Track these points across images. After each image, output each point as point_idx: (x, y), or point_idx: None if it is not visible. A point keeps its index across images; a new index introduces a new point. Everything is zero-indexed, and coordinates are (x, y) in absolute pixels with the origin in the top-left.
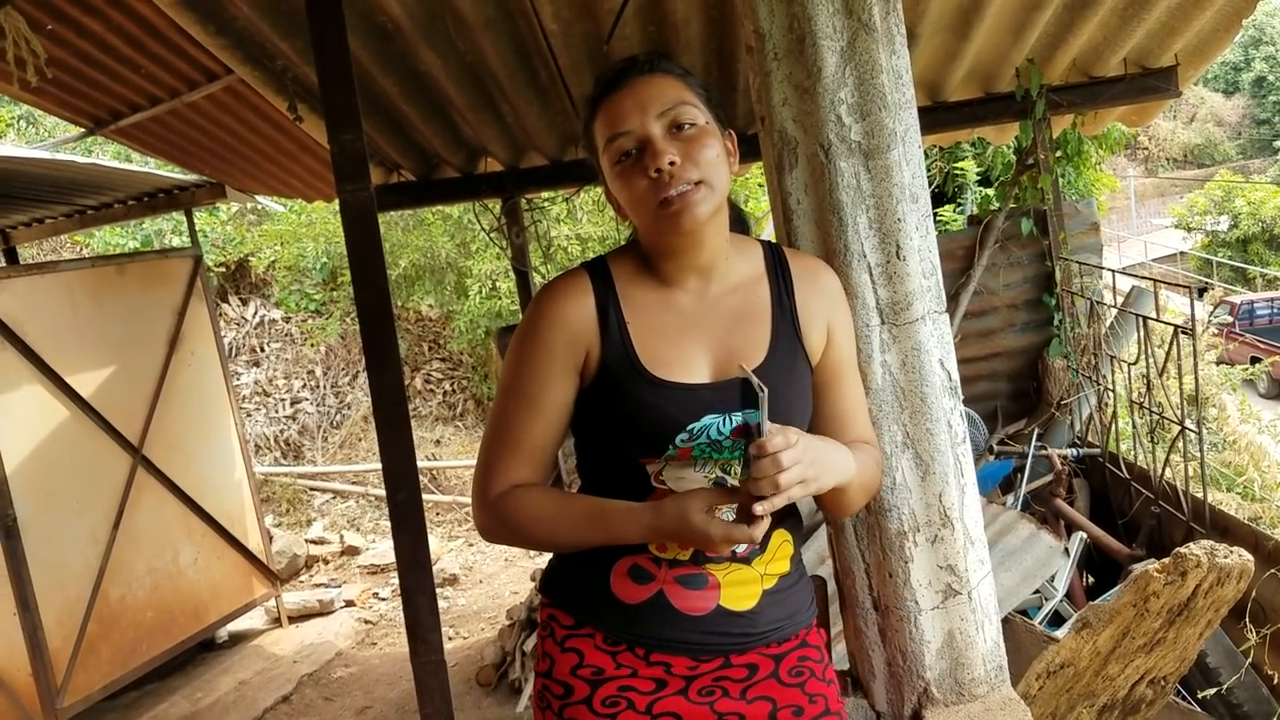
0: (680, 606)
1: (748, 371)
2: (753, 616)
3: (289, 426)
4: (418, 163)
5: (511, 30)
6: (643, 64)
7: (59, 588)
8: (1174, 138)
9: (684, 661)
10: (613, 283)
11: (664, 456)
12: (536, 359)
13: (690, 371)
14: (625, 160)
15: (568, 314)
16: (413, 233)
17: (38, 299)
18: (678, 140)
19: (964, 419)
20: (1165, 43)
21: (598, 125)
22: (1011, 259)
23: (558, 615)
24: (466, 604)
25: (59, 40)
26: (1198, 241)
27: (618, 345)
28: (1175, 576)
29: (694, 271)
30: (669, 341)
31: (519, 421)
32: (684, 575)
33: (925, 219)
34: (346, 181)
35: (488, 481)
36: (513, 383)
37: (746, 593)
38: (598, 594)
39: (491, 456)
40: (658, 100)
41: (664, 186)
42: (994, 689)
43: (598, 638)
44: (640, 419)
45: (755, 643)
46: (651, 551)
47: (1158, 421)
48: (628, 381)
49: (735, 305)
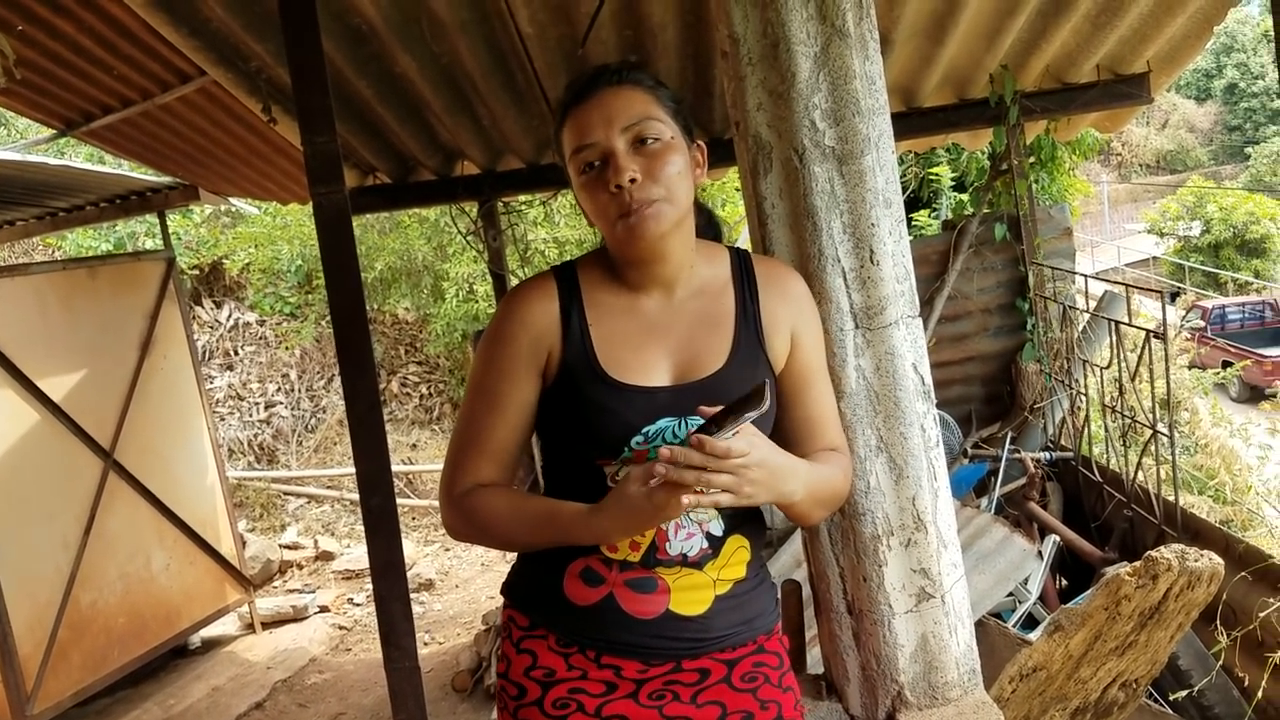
0: (630, 610)
1: (766, 393)
2: (704, 621)
3: (263, 430)
4: (394, 165)
5: (487, 33)
6: (612, 74)
7: (29, 593)
8: (1147, 144)
9: (634, 665)
10: (578, 287)
11: (620, 459)
12: (501, 359)
13: (649, 375)
14: (589, 171)
15: (531, 316)
16: (389, 236)
17: (8, 302)
18: (641, 155)
19: (937, 423)
20: (1137, 49)
21: (565, 134)
22: (985, 264)
23: (515, 616)
24: (442, 609)
25: (30, 41)
26: (1170, 246)
27: (578, 347)
28: (1147, 580)
29: (657, 280)
30: (630, 346)
31: (483, 421)
32: (633, 579)
33: (899, 224)
34: (320, 184)
35: (453, 479)
36: (478, 383)
37: (698, 597)
38: (551, 596)
39: (458, 455)
40: (623, 114)
41: (624, 203)
42: (967, 692)
43: (551, 639)
44: (596, 421)
45: (708, 648)
46: (603, 553)
47: (1130, 425)
48: (585, 384)
49: (698, 311)
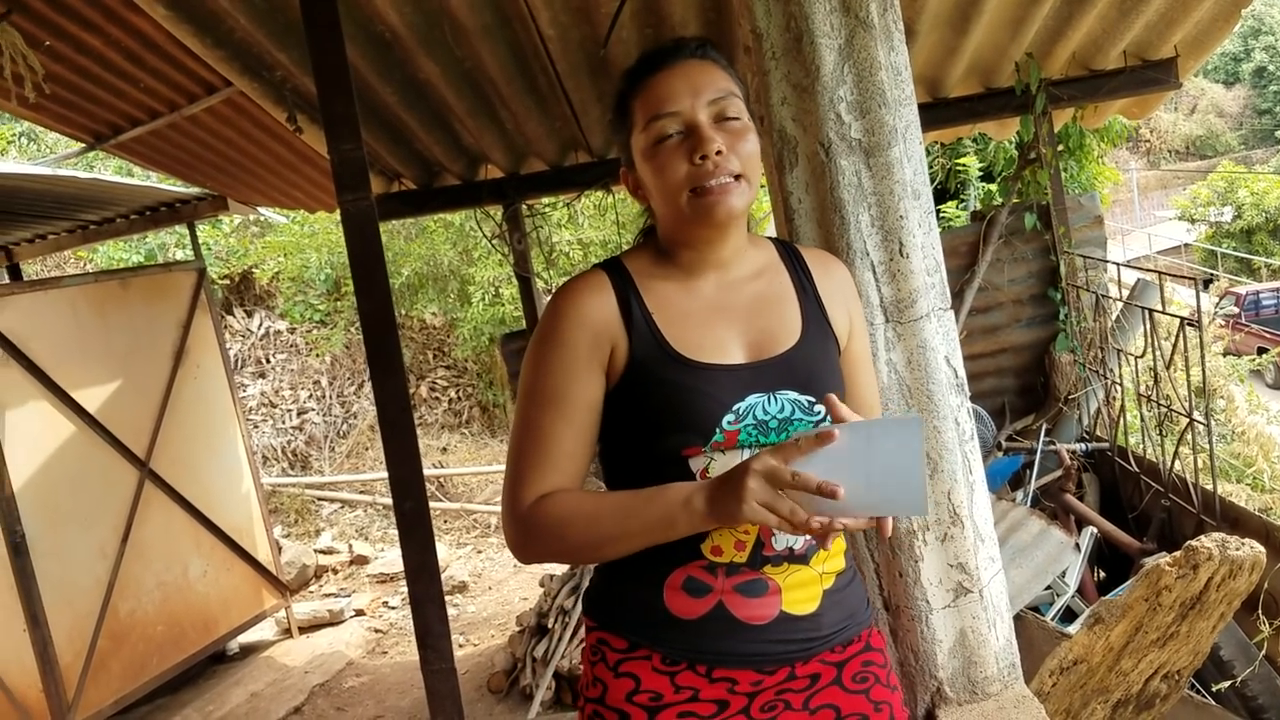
0: (742, 616)
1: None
2: (816, 619)
3: (296, 437)
4: (418, 171)
5: (509, 36)
6: (696, 46)
7: (68, 603)
8: (1175, 129)
9: (749, 676)
10: (630, 276)
11: (710, 443)
12: (560, 360)
13: (725, 354)
14: (665, 141)
15: (589, 311)
16: (415, 241)
17: (42, 315)
18: (723, 130)
19: (971, 416)
20: (1164, 34)
21: (638, 102)
22: (1016, 254)
23: (608, 639)
24: (476, 611)
25: (57, 56)
26: (1201, 233)
27: (646, 335)
28: (1187, 570)
29: (713, 263)
30: (698, 326)
31: (547, 427)
32: (743, 583)
33: (928, 215)
34: (347, 191)
35: (517, 494)
36: (536, 387)
37: (808, 595)
38: (652, 612)
39: (520, 467)
40: (710, 87)
41: (705, 175)
42: (1007, 687)
43: (655, 659)
44: (684, 404)
45: (820, 647)
46: (707, 557)
47: (1166, 414)
48: (663, 369)
49: (759, 291)
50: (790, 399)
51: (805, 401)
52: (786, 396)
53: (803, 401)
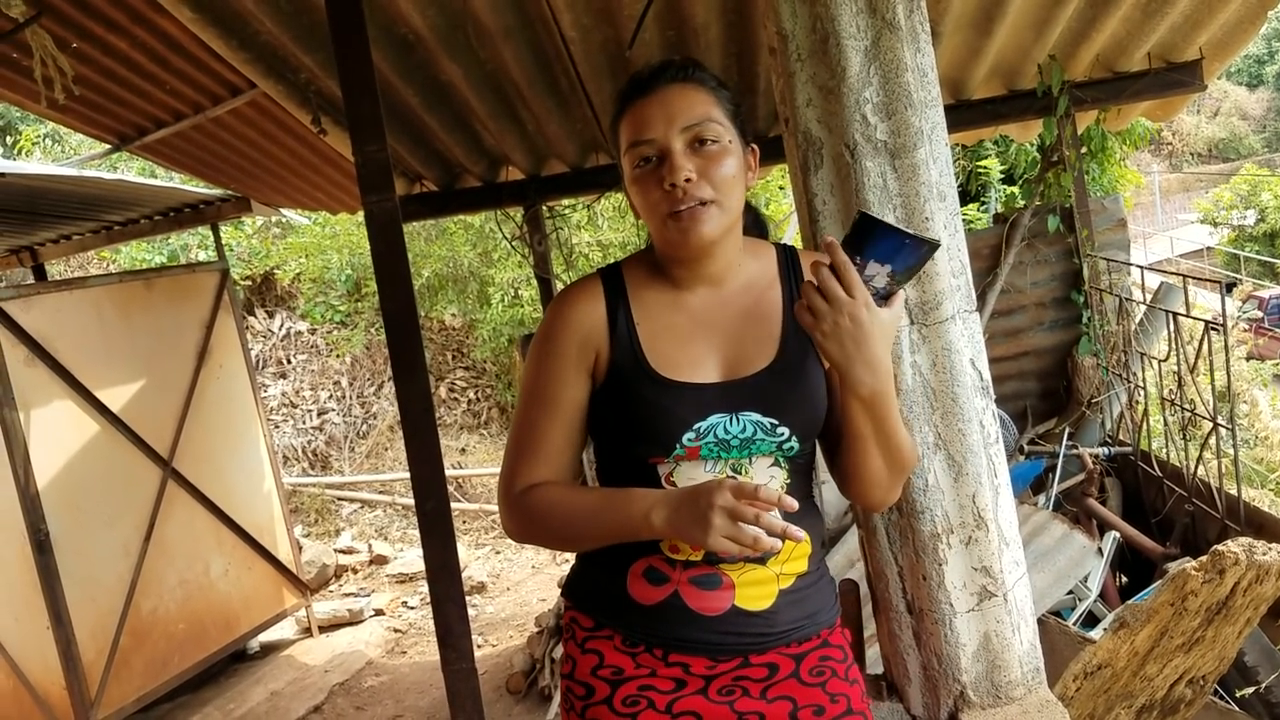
0: (695, 607)
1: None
2: (769, 616)
3: (316, 437)
4: (440, 173)
5: (531, 38)
6: (677, 70)
7: (91, 601)
8: (1198, 132)
9: (702, 661)
10: (624, 287)
11: (673, 456)
12: (551, 362)
13: (698, 371)
14: (644, 166)
15: (578, 317)
16: (435, 242)
17: (67, 315)
18: (697, 156)
19: (996, 419)
20: (1189, 37)
21: (623, 126)
22: (1038, 257)
23: (578, 618)
24: (495, 611)
25: (84, 58)
26: (1224, 236)
27: (626, 346)
28: (1213, 575)
29: (703, 278)
30: (678, 342)
31: (537, 423)
32: (698, 576)
33: (954, 217)
34: (371, 193)
35: (511, 482)
36: (531, 386)
37: (762, 593)
38: (615, 596)
39: (514, 459)
40: (684, 114)
41: (676, 200)
42: (1031, 691)
43: (616, 639)
44: (646, 418)
45: (774, 643)
46: (665, 553)
47: (1189, 418)
48: (635, 381)
49: (746, 306)
50: (753, 420)
51: (768, 423)
52: (749, 418)
53: (765, 423)
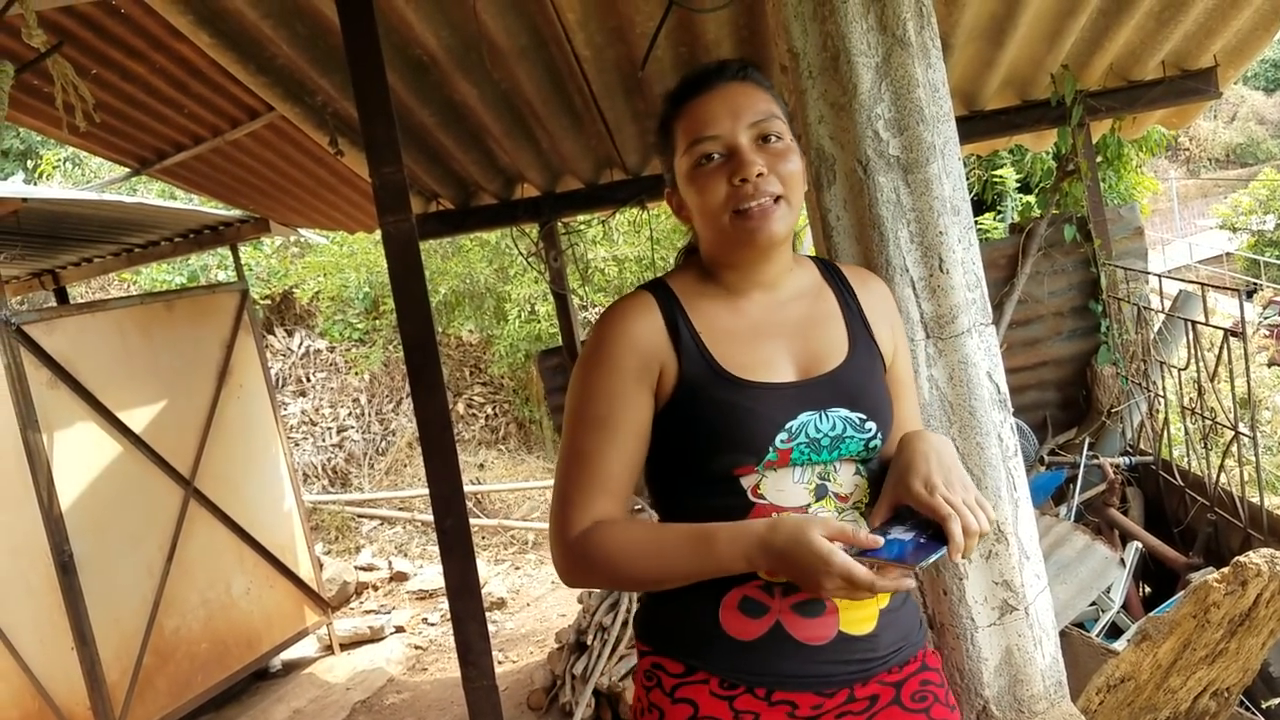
0: (800, 637)
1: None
2: (873, 640)
3: (336, 455)
4: (456, 191)
5: (545, 58)
6: (735, 69)
7: (115, 621)
8: (1215, 138)
9: (809, 699)
10: (676, 296)
11: (763, 463)
12: (608, 382)
13: (774, 372)
14: (706, 164)
15: (637, 332)
16: (451, 259)
17: (89, 337)
18: (764, 152)
19: (1014, 431)
20: (1204, 44)
21: (680, 125)
22: (1055, 266)
23: (663, 663)
24: (514, 627)
25: (104, 84)
26: (1244, 242)
27: (695, 356)
28: (1236, 586)
29: (758, 284)
30: (745, 345)
31: (596, 450)
32: (800, 602)
33: (968, 231)
34: (388, 213)
35: (569, 519)
36: (584, 409)
37: (865, 615)
38: (707, 634)
39: (569, 490)
40: (750, 109)
41: (744, 197)
42: (1054, 705)
43: (712, 683)
44: (737, 423)
45: (877, 668)
46: (762, 578)
47: (1210, 427)
48: (714, 389)
49: (804, 310)
50: (841, 416)
51: (856, 418)
52: (838, 414)
53: (854, 419)
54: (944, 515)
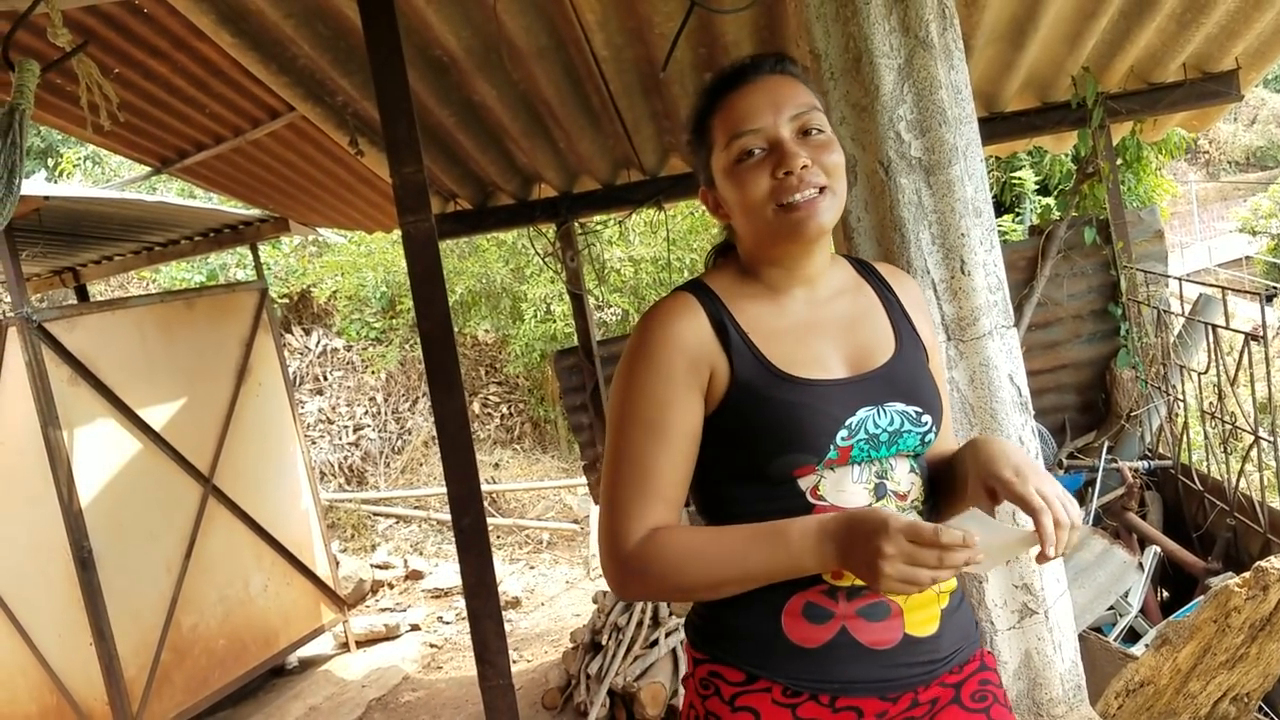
0: (866, 641)
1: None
2: (936, 641)
3: (352, 453)
4: (474, 191)
5: (563, 58)
6: (773, 62)
7: (134, 617)
8: (1235, 140)
9: (874, 704)
10: (718, 296)
11: (823, 462)
12: (657, 386)
13: (826, 369)
14: (747, 159)
15: (683, 334)
16: (468, 259)
17: (109, 335)
18: (807, 144)
19: (1035, 434)
20: (1225, 46)
21: (718, 119)
22: (1075, 269)
23: (722, 671)
24: (529, 626)
25: (127, 84)
26: (1264, 245)
27: (746, 356)
28: (1257, 591)
29: (800, 281)
30: (794, 343)
31: (646, 457)
32: (865, 606)
33: (990, 233)
34: (408, 213)
35: (624, 530)
36: (633, 414)
37: (928, 615)
38: (770, 642)
39: (623, 502)
40: (791, 101)
41: (789, 189)
42: (1073, 708)
43: (775, 691)
44: (797, 422)
45: (940, 669)
46: (827, 582)
47: (1230, 431)
48: (770, 388)
49: (846, 306)
50: (899, 411)
51: (913, 412)
52: (895, 408)
53: (910, 413)
54: (1036, 507)
